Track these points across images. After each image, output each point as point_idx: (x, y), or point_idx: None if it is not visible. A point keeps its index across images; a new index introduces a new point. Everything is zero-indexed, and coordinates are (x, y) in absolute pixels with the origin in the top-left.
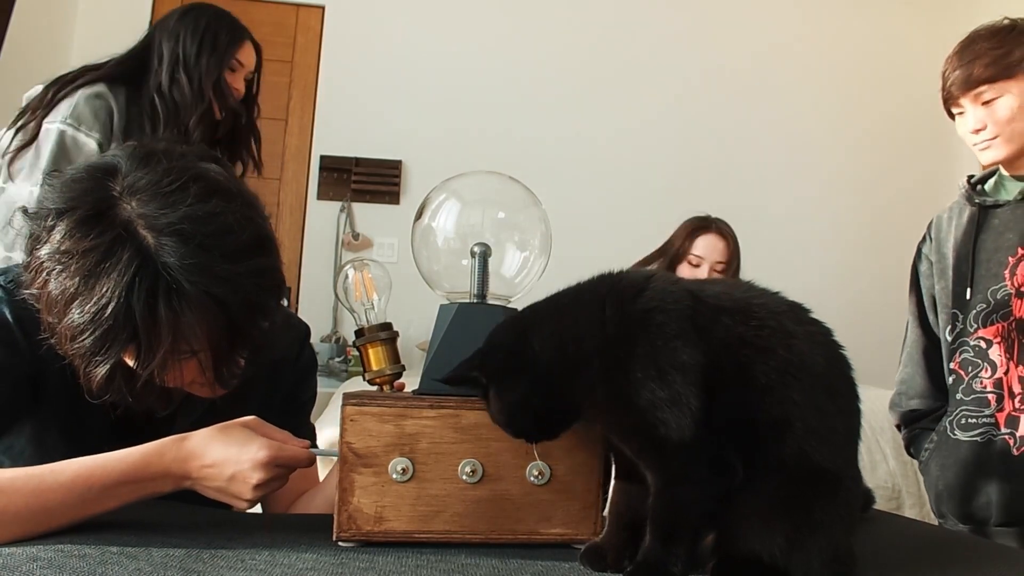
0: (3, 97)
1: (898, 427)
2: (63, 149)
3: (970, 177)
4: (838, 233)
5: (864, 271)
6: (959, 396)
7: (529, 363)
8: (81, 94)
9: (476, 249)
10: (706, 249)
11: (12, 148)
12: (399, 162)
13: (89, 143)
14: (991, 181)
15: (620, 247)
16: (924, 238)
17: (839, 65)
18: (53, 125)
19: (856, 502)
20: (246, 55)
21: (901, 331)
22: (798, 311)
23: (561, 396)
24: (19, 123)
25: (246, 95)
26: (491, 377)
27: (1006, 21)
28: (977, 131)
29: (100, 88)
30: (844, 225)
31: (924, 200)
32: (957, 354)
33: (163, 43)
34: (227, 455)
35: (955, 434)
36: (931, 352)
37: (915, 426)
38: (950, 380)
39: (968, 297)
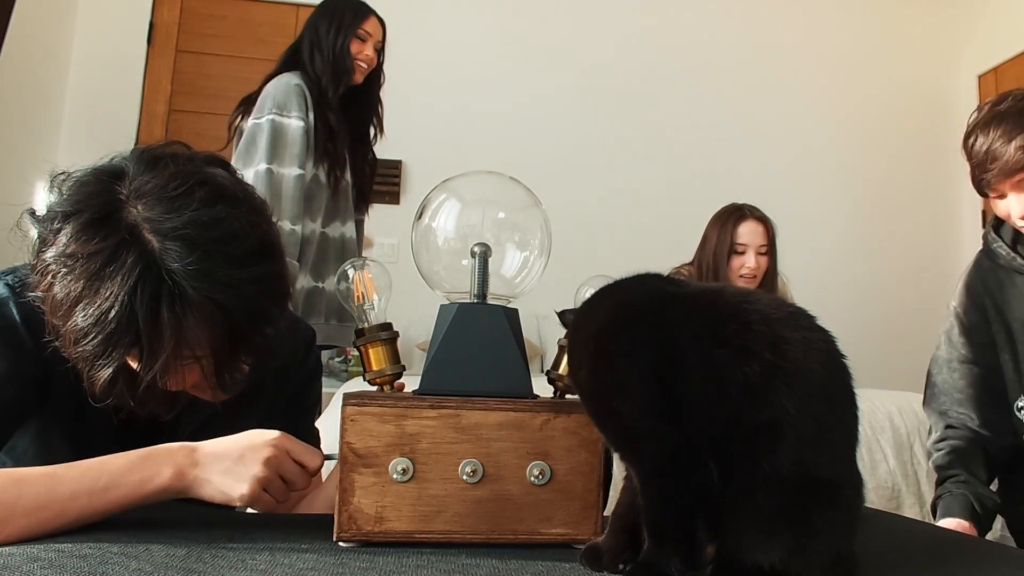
0: (3, 97)
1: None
2: (276, 135)
3: (996, 228)
4: (840, 233)
5: (865, 272)
6: None
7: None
8: (275, 83)
9: (476, 249)
10: (748, 235)
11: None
12: (399, 162)
13: (293, 123)
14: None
15: (620, 247)
16: (962, 300)
17: (839, 64)
18: (263, 119)
19: (857, 506)
20: (371, 26)
21: (902, 331)
22: (798, 318)
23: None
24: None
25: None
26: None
27: None
28: None
29: (288, 76)
30: (846, 225)
31: (926, 198)
32: None
33: (306, 32)
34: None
35: None
36: (993, 388)
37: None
38: None
39: None
